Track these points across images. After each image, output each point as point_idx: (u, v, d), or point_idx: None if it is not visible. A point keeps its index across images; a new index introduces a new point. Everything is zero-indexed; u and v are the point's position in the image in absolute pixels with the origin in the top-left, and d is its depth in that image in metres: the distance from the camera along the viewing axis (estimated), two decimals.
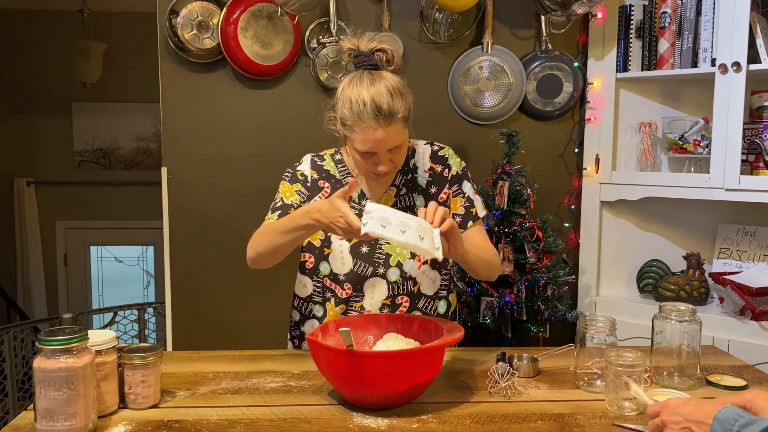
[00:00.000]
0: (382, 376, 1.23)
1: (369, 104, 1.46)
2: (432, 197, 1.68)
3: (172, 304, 2.52)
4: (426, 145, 1.73)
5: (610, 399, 1.28)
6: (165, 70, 2.44)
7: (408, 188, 1.68)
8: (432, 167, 1.70)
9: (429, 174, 1.70)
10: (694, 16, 2.26)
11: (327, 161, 1.71)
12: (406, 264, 1.64)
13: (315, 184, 1.68)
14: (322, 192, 1.67)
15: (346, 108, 1.49)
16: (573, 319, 2.31)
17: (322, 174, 1.69)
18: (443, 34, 2.49)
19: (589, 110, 2.48)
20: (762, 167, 2.18)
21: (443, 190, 1.69)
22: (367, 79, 1.49)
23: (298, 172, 1.70)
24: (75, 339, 1.13)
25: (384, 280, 1.63)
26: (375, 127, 1.47)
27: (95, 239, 5.60)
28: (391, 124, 1.48)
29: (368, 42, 1.54)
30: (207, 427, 1.19)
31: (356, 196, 1.67)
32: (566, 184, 2.59)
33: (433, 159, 1.71)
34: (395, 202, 1.67)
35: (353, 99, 1.48)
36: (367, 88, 1.48)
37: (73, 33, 5.01)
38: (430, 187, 1.69)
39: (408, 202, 1.67)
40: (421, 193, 1.68)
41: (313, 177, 1.69)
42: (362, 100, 1.46)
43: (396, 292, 1.64)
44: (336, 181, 1.68)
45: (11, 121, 5.32)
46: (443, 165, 1.71)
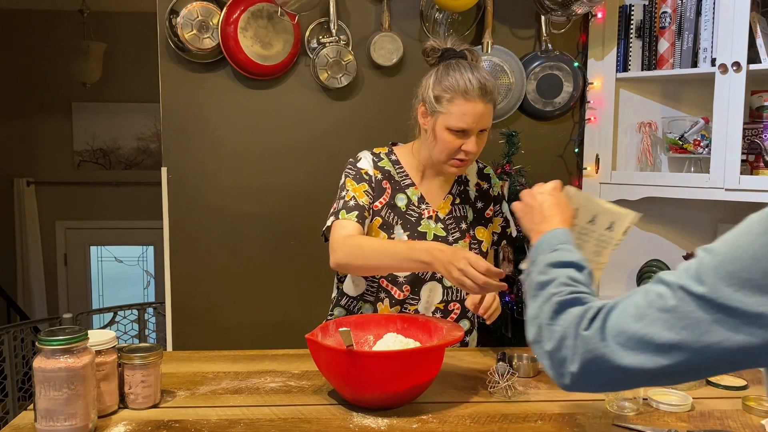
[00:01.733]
0: (382, 376, 1.23)
1: (475, 81, 1.53)
2: (479, 212, 1.75)
3: (172, 304, 2.52)
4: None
5: (610, 399, 1.28)
6: (165, 70, 2.44)
7: (462, 199, 1.74)
8: (479, 183, 1.78)
9: (476, 189, 1.77)
10: (694, 16, 2.26)
11: (384, 161, 1.72)
12: None
13: (379, 185, 1.68)
14: (385, 194, 1.67)
15: (448, 83, 1.55)
16: None
17: (385, 174, 1.70)
18: (443, 34, 2.49)
19: (589, 110, 2.48)
20: (762, 167, 2.18)
21: (489, 207, 1.76)
22: (466, 65, 1.57)
23: (363, 171, 1.68)
24: (75, 339, 1.13)
25: (440, 284, 1.66)
26: (478, 102, 1.54)
27: (95, 239, 5.60)
28: (489, 103, 1.56)
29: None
30: (207, 427, 1.19)
31: (416, 199, 1.68)
32: (566, 184, 2.57)
33: (479, 176, 1.79)
34: (451, 210, 1.71)
35: (458, 77, 1.55)
36: (470, 70, 1.55)
37: (73, 33, 5.01)
38: (478, 202, 1.75)
39: (461, 212, 1.72)
40: (471, 205, 1.74)
41: (377, 177, 1.68)
42: (467, 77, 1.54)
43: (450, 298, 1.67)
44: (395, 182, 1.69)
45: (11, 121, 5.32)
46: (488, 183, 1.78)
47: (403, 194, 1.68)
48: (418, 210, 1.68)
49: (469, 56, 1.62)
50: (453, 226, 1.69)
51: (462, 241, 1.68)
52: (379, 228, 1.65)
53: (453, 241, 1.68)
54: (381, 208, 1.66)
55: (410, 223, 1.66)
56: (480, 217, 1.74)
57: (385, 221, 1.66)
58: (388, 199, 1.67)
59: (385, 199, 1.67)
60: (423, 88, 1.62)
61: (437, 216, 1.69)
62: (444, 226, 1.68)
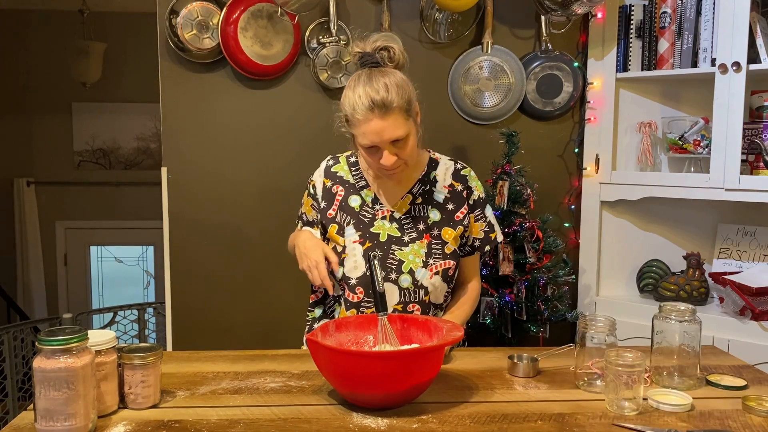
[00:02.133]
0: (382, 376, 1.23)
1: (364, 97, 1.50)
2: (449, 214, 1.71)
3: (172, 304, 2.52)
4: (450, 161, 1.77)
5: (610, 399, 1.28)
6: (165, 70, 2.44)
7: (424, 199, 1.71)
8: (452, 184, 1.73)
9: (448, 190, 1.73)
10: (694, 16, 2.26)
11: (341, 164, 1.76)
12: (419, 272, 1.64)
13: (328, 192, 1.73)
14: (336, 198, 1.71)
15: (346, 105, 1.54)
16: (573, 319, 2.31)
17: (335, 179, 1.73)
18: (443, 34, 2.49)
19: (589, 110, 2.48)
20: (762, 167, 2.18)
21: (461, 209, 1.72)
22: (365, 76, 1.54)
23: (311, 183, 1.77)
24: (75, 339, 1.13)
25: (396, 285, 1.64)
26: (370, 118, 1.50)
27: (95, 239, 5.60)
28: (387, 115, 1.51)
29: (373, 42, 1.58)
30: (207, 427, 1.19)
31: (369, 200, 1.70)
32: (566, 184, 2.59)
33: (454, 177, 1.74)
34: (409, 210, 1.69)
35: (350, 95, 1.53)
36: (363, 84, 1.52)
37: (73, 33, 5.01)
38: (448, 203, 1.72)
39: (422, 212, 1.70)
40: (436, 207, 1.71)
41: (326, 186, 1.73)
42: (358, 94, 1.51)
43: (407, 299, 1.64)
44: (350, 185, 1.72)
45: (11, 121, 5.32)
46: (464, 185, 1.74)
47: (356, 195, 1.71)
48: (372, 210, 1.69)
49: (386, 60, 1.57)
50: (409, 226, 1.68)
51: (419, 242, 1.66)
52: (336, 234, 1.69)
53: (409, 241, 1.66)
54: (335, 214, 1.71)
55: (363, 224, 1.68)
56: (448, 219, 1.70)
57: (340, 225, 1.69)
58: (341, 201, 1.71)
59: (336, 203, 1.71)
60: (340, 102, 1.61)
61: (392, 216, 1.69)
62: (399, 226, 1.68)
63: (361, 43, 1.60)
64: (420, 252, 1.66)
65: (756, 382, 1.44)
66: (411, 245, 1.66)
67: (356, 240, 1.66)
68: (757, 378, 1.47)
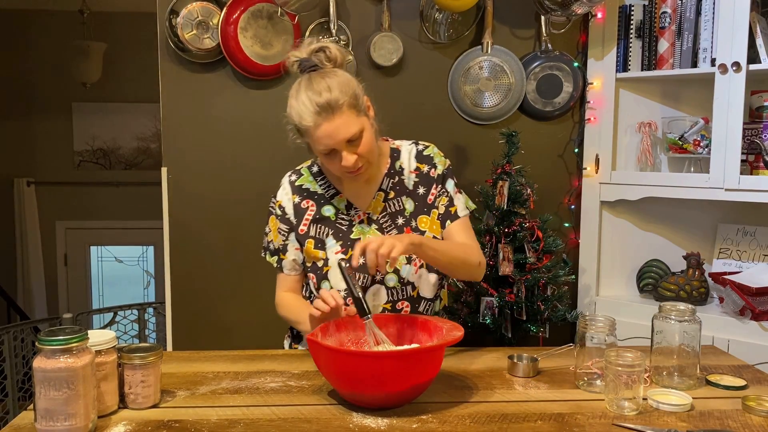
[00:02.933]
0: (382, 376, 1.23)
1: (308, 102, 1.45)
2: (420, 199, 1.66)
3: (172, 304, 2.52)
4: (411, 145, 1.71)
5: (610, 399, 1.28)
6: (165, 70, 2.44)
7: (396, 191, 1.66)
8: (418, 167, 1.68)
9: (416, 174, 1.67)
10: (694, 16, 2.26)
11: (305, 176, 1.69)
12: (404, 269, 1.62)
13: (299, 209, 1.66)
14: (307, 214, 1.65)
15: (293, 115, 1.49)
16: (573, 319, 2.31)
17: (303, 194, 1.67)
18: (443, 34, 2.49)
19: (589, 110, 2.48)
20: (762, 167, 2.18)
21: (431, 191, 1.66)
22: (305, 81, 1.48)
23: (277, 203, 1.68)
24: (75, 339, 1.13)
25: (383, 285, 1.62)
26: (320, 123, 1.45)
27: (95, 239, 5.60)
28: (336, 115, 1.45)
29: (309, 45, 1.53)
30: (207, 427, 1.19)
31: (343, 207, 1.64)
32: (566, 184, 2.59)
33: (418, 159, 1.69)
34: (384, 207, 1.64)
35: (294, 104, 1.48)
36: (305, 90, 1.47)
37: (73, 33, 5.01)
38: (418, 188, 1.66)
39: (397, 206, 1.65)
40: (409, 195, 1.66)
41: (295, 202, 1.66)
42: (302, 101, 1.46)
43: (396, 297, 1.62)
44: (319, 196, 1.66)
45: (11, 121, 5.32)
46: (429, 164, 1.68)
47: (329, 205, 1.65)
48: (348, 217, 1.64)
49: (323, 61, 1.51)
50: (388, 224, 1.64)
51: None
52: (315, 249, 1.63)
53: None
54: (308, 228, 1.64)
55: (342, 232, 1.63)
56: (422, 205, 1.66)
57: (317, 238, 1.63)
58: (314, 214, 1.64)
59: (309, 217, 1.64)
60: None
61: (369, 218, 1.64)
62: (378, 227, 1.63)
63: (296, 51, 1.54)
64: None
65: (756, 382, 1.44)
66: None
67: (338, 251, 1.61)
68: (757, 378, 1.47)
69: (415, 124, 2.51)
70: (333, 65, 1.52)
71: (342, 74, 1.51)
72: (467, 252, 1.63)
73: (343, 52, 1.55)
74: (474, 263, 1.64)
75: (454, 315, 2.27)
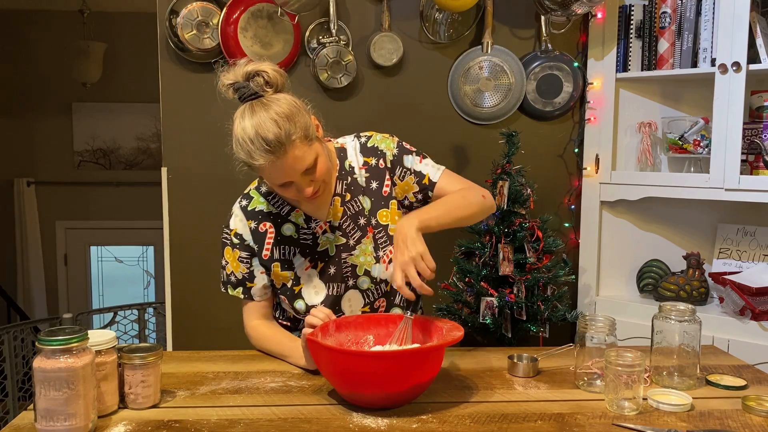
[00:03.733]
0: (382, 376, 1.23)
1: (256, 141, 1.34)
2: (374, 194, 1.59)
3: (172, 304, 2.52)
4: (354, 140, 1.63)
5: (610, 399, 1.28)
6: (165, 70, 2.44)
7: (351, 192, 1.59)
8: (366, 161, 1.60)
9: (365, 170, 1.60)
10: (694, 16, 2.26)
11: (255, 200, 1.61)
12: (374, 269, 1.59)
13: (257, 234, 1.58)
14: (268, 238, 1.58)
15: (237, 149, 1.39)
16: (573, 319, 2.31)
17: (258, 218, 1.59)
18: (443, 34, 2.49)
19: (589, 110, 2.48)
20: (762, 167, 2.18)
21: (384, 183, 1.59)
22: (249, 115, 1.37)
23: (232, 232, 1.60)
24: (75, 339, 1.13)
25: (357, 290, 1.59)
26: (272, 160, 1.36)
27: (95, 239, 5.60)
28: (288, 150, 1.35)
29: (243, 67, 1.41)
30: (207, 427, 1.19)
31: (302, 222, 1.58)
32: (566, 184, 2.59)
33: (363, 152, 1.61)
34: (344, 212, 1.58)
35: (239, 139, 1.37)
36: (250, 126, 1.35)
37: (73, 33, 5.01)
38: (371, 183, 1.59)
39: (356, 207, 1.59)
40: (364, 192, 1.59)
41: (251, 227, 1.59)
42: (249, 138, 1.35)
43: (372, 299, 1.61)
44: (275, 216, 1.58)
45: (11, 121, 5.32)
46: (375, 156, 1.60)
47: (288, 223, 1.58)
48: (310, 230, 1.57)
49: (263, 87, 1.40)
50: (351, 227, 1.58)
51: (365, 239, 1.58)
52: (282, 271, 1.58)
53: (355, 243, 1.58)
54: (272, 252, 1.58)
55: (308, 248, 1.57)
56: (378, 200, 1.59)
57: (283, 260, 1.58)
58: (274, 236, 1.57)
59: (270, 240, 1.57)
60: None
61: (331, 225, 1.58)
62: (342, 232, 1.58)
63: (229, 74, 1.42)
64: (368, 249, 1.58)
65: (756, 382, 1.44)
66: (359, 246, 1.58)
67: (308, 266, 1.57)
68: (757, 378, 1.47)
69: (415, 124, 2.51)
70: (274, 91, 1.41)
71: (286, 102, 1.39)
72: (466, 197, 1.57)
73: (282, 74, 1.44)
74: (478, 201, 1.58)
75: (454, 315, 2.27)
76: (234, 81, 1.41)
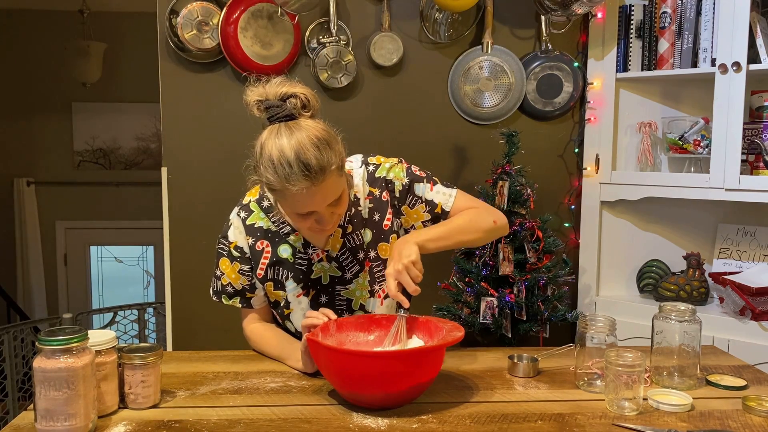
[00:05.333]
0: (382, 376, 1.23)
1: (295, 163, 1.27)
2: (375, 225, 1.53)
3: (172, 304, 2.52)
4: (361, 168, 1.55)
5: (610, 399, 1.28)
6: (165, 70, 2.44)
7: (354, 225, 1.53)
8: (371, 191, 1.53)
9: (369, 200, 1.53)
10: (694, 16, 2.26)
11: (255, 214, 1.55)
12: (368, 303, 1.57)
13: (253, 251, 1.53)
14: (263, 257, 1.53)
15: (270, 172, 1.30)
16: (573, 319, 2.31)
17: (256, 234, 1.53)
18: (443, 34, 2.49)
19: (589, 110, 2.48)
20: (762, 167, 2.18)
21: (386, 216, 1.53)
22: (285, 134, 1.29)
23: (232, 245, 1.54)
24: (75, 339, 1.13)
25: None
26: (308, 187, 1.28)
27: (95, 239, 5.60)
28: (325, 180, 1.29)
29: (277, 87, 1.33)
30: (207, 427, 1.19)
31: (300, 246, 1.52)
32: (566, 184, 2.59)
33: (370, 182, 1.54)
34: (343, 243, 1.53)
35: (276, 160, 1.28)
36: (288, 145, 1.28)
37: (73, 33, 5.01)
38: (373, 215, 1.53)
39: (357, 240, 1.53)
40: (367, 226, 1.53)
41: (249, 243, 1.53)
42: (286, 160, 1.27)
43: None
44: (273, 235, 1.53)
45: (11, 121, 5.32)
46: (381, 187, 1.53)
47: (285, 244, 1.53)
48: (306, 256, 1.52)
49: (300, 110, 1.33)
50: (349, 261, 1.53)
51: (362, 274, 1.54)
52: (275, 290, 1.56)
53: (351, 276, 1.54)
54: (266, 272, 1.54)
55: (302, 273, 1.53)
56: (379, 232, 1.54)
57: (275, 280, 1.55)
58: (270, 256, 1.53)
59: (265, 260, 1.53)
60: (256, 161, 1.36)
61: (329, 256, 1.53)
62: (338, 265, 1.53)
63: (259, 89, 1.34)
64: (364, 283, 1.55)
65: (756, 382, 1.44)
66: (355, 281, 1.55)
67: (300, 293, 1.55)
68: (757, 378, 1.47)
69: (415, 124, 2.51)
70: (310, 115, 1.35)
71: (324, 128, 1.34)
72: (473, 220, 1.51)
73: (317, 98, 1.38)
74: (487, 227, 1.52)
75: (454, 315, 2.27)
76: (263, 98, 1.33)
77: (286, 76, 1.38)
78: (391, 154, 1.67)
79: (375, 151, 1.71)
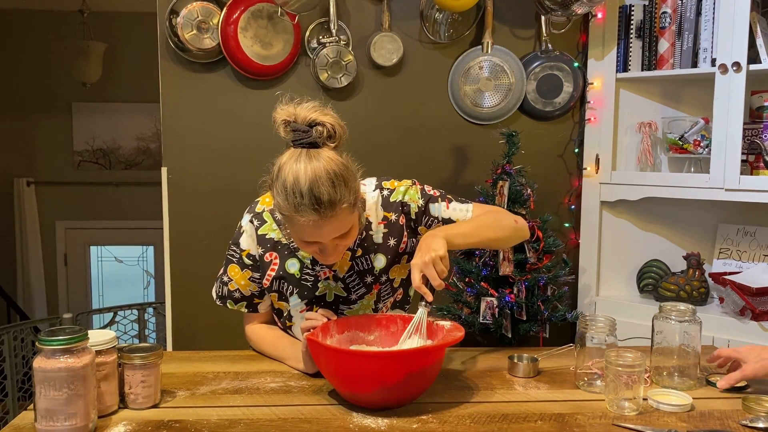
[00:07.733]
0: (382, 376, 1.23)
1: (306, 195, 1.25)
2: (391, 251, 1.52)
3: (172, 304, 2.52)
4: (375, 191, 1.53)
5: (610, 399, 1.28)
6: (165, 70, 2.44)
7: (364, 249, 1.51)
8: (386, 216, 1.51)
9: (384, 225, 1.51)
10: (694, 16, 2.26)
11: (268, 225, 1.52)
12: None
13: (262, 261, 1.53)
14: (270, 269, 1.52)
15: (281, 197, 1.29)
16: (573, 319, 2.31)
17: (266, 245, 1.52)
18: (443, 34, 2.49)
19: (589, 110, 2.48)
20: (762, 167, 2.18)
21: (402, 240, 1.52)
22: (304, 162, 1.28)
23: (244, 252, 1.53)
24: (75, 339, 1.13)
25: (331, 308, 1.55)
26: (316, 220, 1.28)
27: (95, 239, 5.60)
28: (335, 216, 1.29)
29: (307, 112, 1.31)
30: (207, 427, 1.19)
31: (309, 262, 1.51)
32: (566, 184, 2.59)
33: (385, 207, 1.51)
34: (351, 266, 1.51)
35: (289, 187, 1.27)
36: (304, 174, 1.26)
37: (73, 33, 5.01)
38: (388, 240, 1.51)
39: (365, 264, 1.51)
40: (379, 250, 1.51)
41: (259, 253, 1.53)
42: (299, 190, 1.26)
43: None
44: (283, 247, 1.51)
45: (11, 121, 5.32)
46: (397, 212, 1.51)
47: (293, 258, 1.51)
48: (313, 272, 1.51)
49: (324, 139, 1.31)
50: (356, 283, 1.52)
51: (368, 296, 1.53)
52: (279, 301, 1.56)
53: (357, 298, 1.53)
54: (271, 284, 1.53)
55: (307, 290, 1.52)
56: (393, 258, 1.52)
57: (280, 293, 1.55)
58: (277, 269, 1.51)
59: (272, 272, 1.52)
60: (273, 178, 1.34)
61: (335, 276, 1.51)
62: (344, 286, 1.52)
63: (290, 109, 1.32)
64: (369, 303, 1.55)
65: (756, 382, 1.44)
66: (360, 302, 1.54)
67: (303, 309, 1.54)
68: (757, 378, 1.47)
69: (416, 124, 2.51)
70: (334, 146, 1.33)
71: (344, 163, 1.32)
72: (497, 219, 1.51)
73: (345, 129, 1.35)
74: (510, 225, 1.52)
75: (454, 315, 2.27)
76: (292, 119, 1.32)
77: (320, 102, 1.36)
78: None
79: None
